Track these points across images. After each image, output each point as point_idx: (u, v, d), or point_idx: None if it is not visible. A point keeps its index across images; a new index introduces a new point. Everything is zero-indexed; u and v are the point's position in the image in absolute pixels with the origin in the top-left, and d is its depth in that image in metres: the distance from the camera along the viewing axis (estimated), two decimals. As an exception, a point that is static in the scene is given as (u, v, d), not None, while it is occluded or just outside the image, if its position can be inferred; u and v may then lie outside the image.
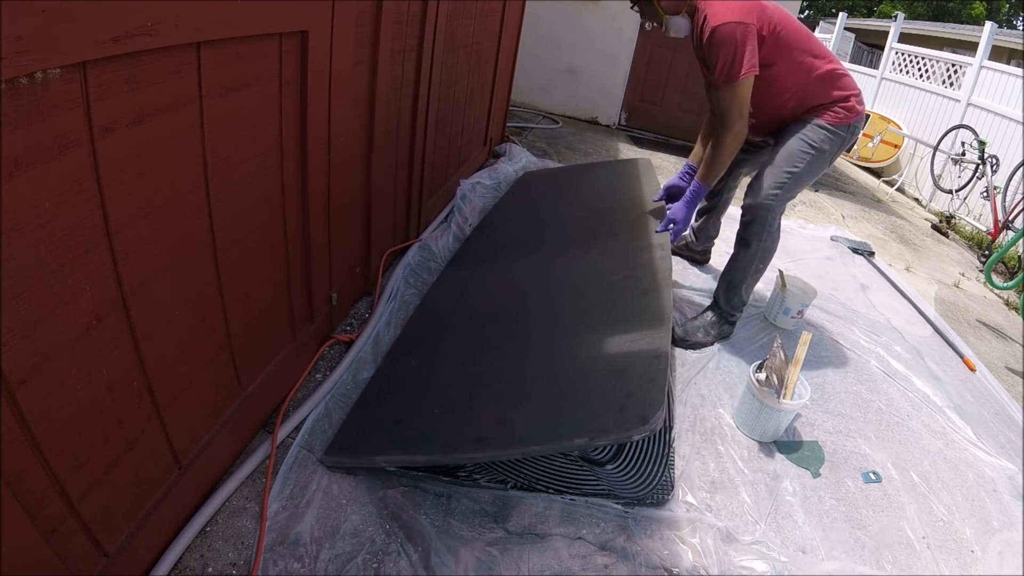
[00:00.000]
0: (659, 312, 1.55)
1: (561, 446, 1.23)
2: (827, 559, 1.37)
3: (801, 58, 1.80)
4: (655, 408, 1.18)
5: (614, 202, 2.50)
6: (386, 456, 1.30)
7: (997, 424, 2.04)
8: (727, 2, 1.74)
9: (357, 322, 1.90)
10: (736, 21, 1.69)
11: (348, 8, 1.38)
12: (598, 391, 1.34)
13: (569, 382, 1.40)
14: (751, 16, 1.71)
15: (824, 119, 1.84)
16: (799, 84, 1.84)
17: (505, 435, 1.26)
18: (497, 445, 1.25)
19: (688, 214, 1.98)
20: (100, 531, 0.91)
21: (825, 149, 1.85)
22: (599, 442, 1.19)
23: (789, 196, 1.93)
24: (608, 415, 1.23)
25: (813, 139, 1.85)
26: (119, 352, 0.88)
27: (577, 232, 2.24)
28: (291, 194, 1.34)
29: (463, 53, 2.64)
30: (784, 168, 1.87)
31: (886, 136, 6.04)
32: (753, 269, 2.02)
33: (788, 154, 1.87)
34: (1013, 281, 3.22)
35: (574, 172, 3.29)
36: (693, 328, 2.09)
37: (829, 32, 8.92)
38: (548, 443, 1.23)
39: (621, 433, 1.18)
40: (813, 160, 1.86)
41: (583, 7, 5.20)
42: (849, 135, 1.88)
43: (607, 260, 1.95)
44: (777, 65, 1.79)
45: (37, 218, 0.69)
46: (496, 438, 1.26)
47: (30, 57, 0.61)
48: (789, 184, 1.88)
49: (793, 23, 1.80)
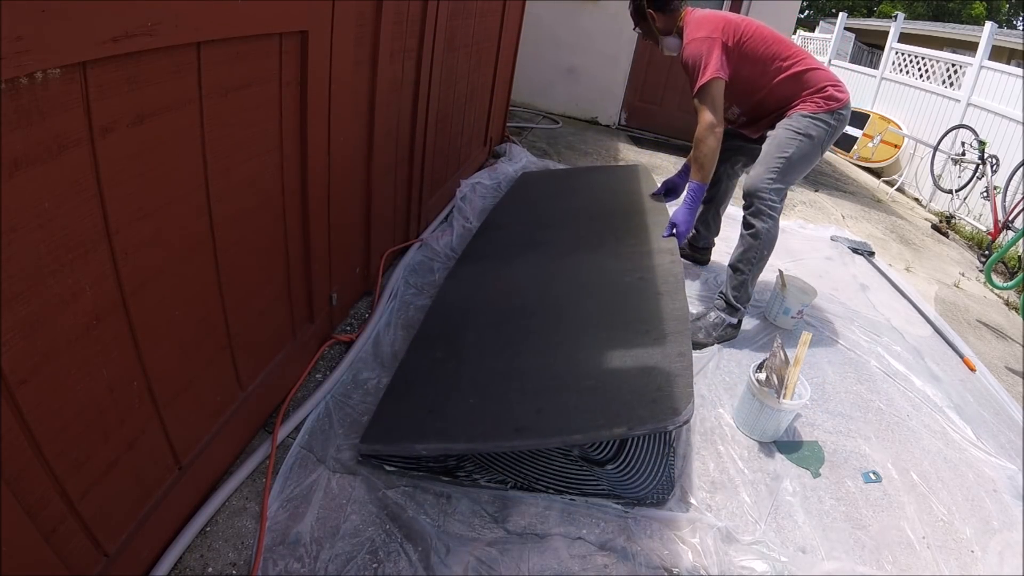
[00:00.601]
0: (676, 314, 1.61)
1: (601, 435, 1.27)
2: (827, 559, 1.37)
3: (769, 63, 2.03)
4: (686, 402, 1.25)
5: (619, 206, 2.54)
6: (425, 444, 1.30)
7: (997, 424, 2.04)
8: (699, 21, 2.05)
9: (357, 322, 1.90)
10: (703, 36, 1.99)
11: (348, 8, 1.38)
12: (628, 386, 1.37)
13: (599, 377, 1.44)
14: (717, 31, 1.99)
15: (805, 109, 2.02)
16: (771, 84, 2.05)
17: (544, 425, 1.29)
18: (538, 434, 1.27)
19: (689, 217, 2.08)
20: (100, 531, 0.91)
21: (812, 135, 2.00)
22: (637, 432, 1.23)
23: (786, 181, 2.04)
24: (642, 408, 1.27)
25: (797, 126, 2.01)
26: (119, 352, 0.88)
27: (585, 233, 2.29)
28: (291, 194, 1.34)
29: (463, 53, 2.64)
30: (775, 154, 2.02)
31: (886, 136, 6.05)
32: (759, 256, 2.07)
33: (777, 142, 2.03)
34: (1013, 281, 3.21)
35: (574, 175, 3.30)
36: (694, 328, 2.09)
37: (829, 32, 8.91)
38: (589, 432, 1.26)
39: (657, 424, 1.22)
40: (802, 145, 2.00)
41: (583, 7, 5.20)
42: (838, 123, 2.03)
43: (619, 262, 1.99)
44: (747, 70, 2.03)
45: (37, 218, 0.69)
46: (536, 428, 1.29)
47: (30, 57, 0.61)
48: (783, 168, 2.01)
49: (760, 33, 2.04)
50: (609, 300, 1.78)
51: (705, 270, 2.72)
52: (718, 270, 2.68)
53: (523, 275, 2.03)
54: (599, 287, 1.88)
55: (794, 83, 2.03)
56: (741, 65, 2.02)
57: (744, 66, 2.02)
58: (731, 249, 2.15)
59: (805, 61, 2.04)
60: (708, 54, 1.97)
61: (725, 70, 1.99)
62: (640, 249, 2.05)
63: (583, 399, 1.36)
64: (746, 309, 2.15)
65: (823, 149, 2.05)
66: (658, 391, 1.32)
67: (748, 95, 2.11)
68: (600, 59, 5.35)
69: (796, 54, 2.04)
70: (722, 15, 2.06)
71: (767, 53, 2.02)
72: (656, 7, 2.09)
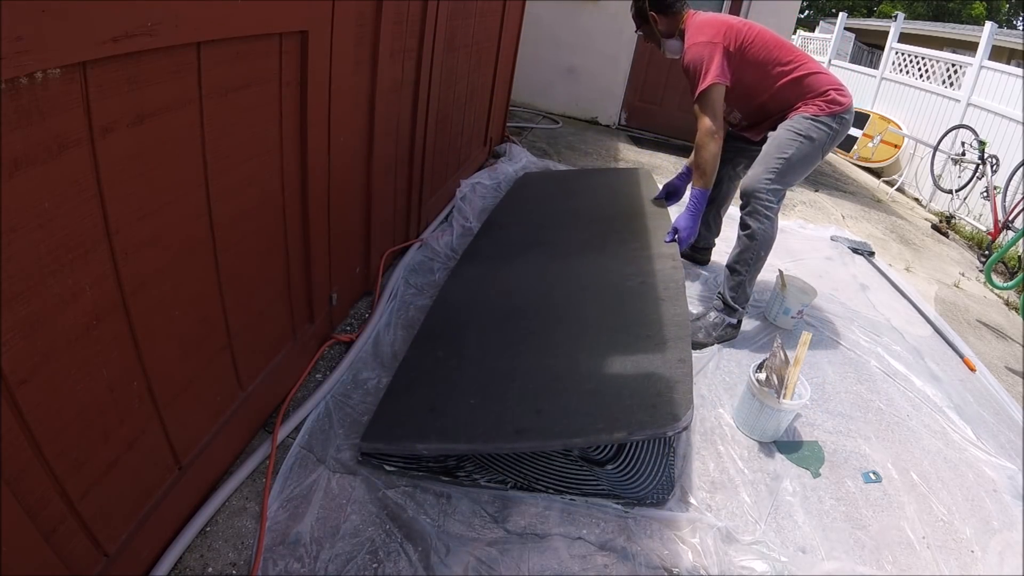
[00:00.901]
0: (677, 319, 1.62)
1: (601, 439, 1.26)
2: (827, 559, 1.36)
3: (771, 67, 2.03)
4: (685, 408, 1.26)
5: (620, 209, 2.56)
6: (427, 444, 1.31)
7: (997, 424, 2.04)
8: (701, 25, 2.03)
9: (357, 322, 1.90)
10: (704, 41, 1.99)
11: (348, 8, 1.38)
12: (629, 390, 1.38)
13: (599, 380, 1.44)
14: (719, 36, 1.99)
15: (807, 111, 2.01)
16: (773, 88, 2.05)
17: (545, 426, 1.30)
18: (538, 436, 1.28)
19: (692, 223, 2.09)
20: (100, 531, 0.91)
21: (813, 136, 1.99)
22: (636, 436, 1.24)
23: (784, 182, 2.04)
24: (643, 412, 1.28)
25: (798, 128, 2.00)
26: (119, 352, 0.88)
27: (587, 235, 2.30)
28: (291, 194, 1.34)
29: (463, 53, 2.64)
30: (775, 155, 2.02)
31: (886, 136, 6.05)
32: (756, 257, 2.07)
33: (778, 143, 2.03)
34: (1013, 281, 3.21)
35: (575, 176, 3.31)
36: (694, 328, 2.09)
37: (829, 32, 8.91)
38: (589, 436, 1.26)
39: (657, 429, 1.23)
40: (802, 147, 1.99)
41: (583, 7, 5.20)
42: (840, 127, 2.02)
43: (621, 265, 2.00)
44: (749, 75, 2.03)
45: (37, 218, 0.69)
46: (536, 429, 1.29)
47: (30, 57, 0.61)
48: (782, 169, 2.01)
49: (762, 37, 2.03)
50: (610, 303, 1.79)
51: (705, 270, 2.72)
52: (718, 271, 2.68)
53: (524, 276, 2.04)
54: (600, 290, 1.88)
55: (796, 87, 2.03)
56: (743, 70, 2.02)
57: (746, 71, 2.02)
58: (731, 249, 2.14)
59: (807, 65, 2.04)
60: (709, 59, 1.97)
61: (726, 75, 1.99)
62: (641, 253, 2.05)
63: (583, 401, 1.36)
64: (745, 310, 2.15)
65: (824, 152, 2.05)
66: (658, 396, 1.32)
67: (750, 99, 2.12)
68: (600, 59, 5.35)
69: (798, 58, 2.04)
70: (724, 19, 2.06)
71: (769, 58, 2.02)
72: (658, 9, 2.09)
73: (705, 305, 2.34)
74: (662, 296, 1.75)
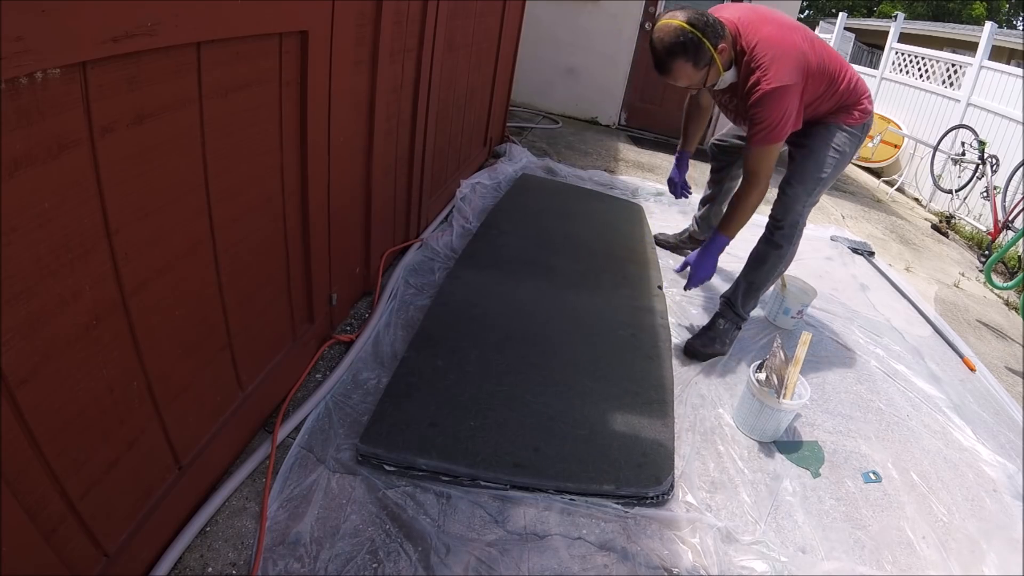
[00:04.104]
0: (662, 381, 1.77)
1: (591, 488, 1.38)
2: (827, 559, 1.36)
3: (825, 88, 1.84)
4: (666, 472, 1.43)
5: (615, 246, 2.70)
6: (427, 460, 1.35)
7: (997, 424, 2.04)
8: (777, 56, 1.70)
9: (357, 322, 1.90)
10: (787, 84, 1.70)
11: (348, 8, 1.38)
12: (618, 444, 1.50)
13: (591, 428, 1.54)
14: (799, 71, 1.72)
15: (844, 121, 1.92)
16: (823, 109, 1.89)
17: (541, 466, 1.40)
18: (536, 474, 1.38)
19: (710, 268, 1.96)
20: (100, 531, 0.91)
21: (847, 151, 1.95)
22: (623, 492, 1.38)
23: (817, 198, 2.01)
24: (629, 470, 1.42)
25: (838, 144, 1.92)
26: (119, 352, 0.88)
27: (584, 267, 2.41)
28: (291, 194, 1.34)
29: (463, 53, 2.64)
30: (815, 174, 1.94)
31: (886, 136, 6.04)
32: (778, 272, 2.07)
33: (817, 162, 1.93)
34: (1013, 281, 3.21)
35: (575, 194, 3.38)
36: (708, 340, 2.07)
37: (829, 32, 8.91)
38: (581, 483, 1.38)
39: (640, 488, 1.39)
40: (839, 163, 1.96)
41: (583, 7, 5.20)
42: (863, 133, 1.98)
43: (614, 312, 2.12)
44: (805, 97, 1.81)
45: (37, 218, 0.69)
46: (533, 466, 1.39)
47: (30, 57, 0.61)
48: (819, 189, 1.98)
49: (820, 57, 1.79)
50: (605, 351, 1.88)
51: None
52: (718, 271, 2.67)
53: (525, 298, 2.09)
54: (593, 334, 1.97)
55: (839, 99, 1.89)
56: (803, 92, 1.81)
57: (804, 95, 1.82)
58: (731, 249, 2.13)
59: (849, 75, 1.89)
60: (789, 111, 1.72)
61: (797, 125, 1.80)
62: (632, 303, 2.19)
63: (577, 447, 1.46)
64: (748, 317, 2.16)
65: (850, 161, 2.02)
66: (643, 456, 1.46)
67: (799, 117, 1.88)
68: (600, 59, 5.35)
69: (842, 68, 1.87)
70: (795, 43, 1.74)
71: (824, 77, 1.82)
72: (716, 41, 1.68)
73: (709, 311, 2.32)
74: (650, 355, 1.89)
